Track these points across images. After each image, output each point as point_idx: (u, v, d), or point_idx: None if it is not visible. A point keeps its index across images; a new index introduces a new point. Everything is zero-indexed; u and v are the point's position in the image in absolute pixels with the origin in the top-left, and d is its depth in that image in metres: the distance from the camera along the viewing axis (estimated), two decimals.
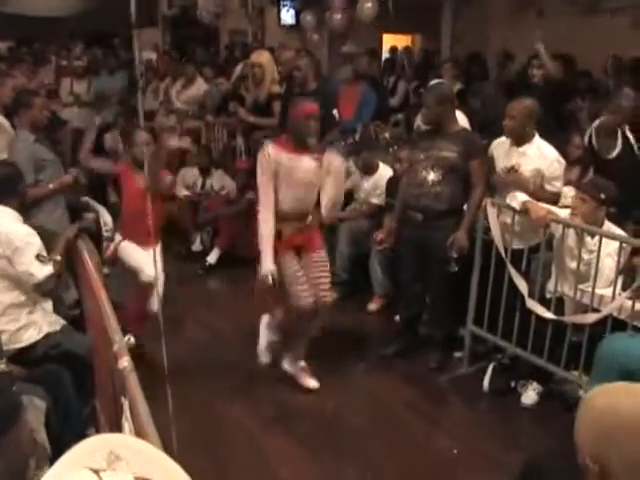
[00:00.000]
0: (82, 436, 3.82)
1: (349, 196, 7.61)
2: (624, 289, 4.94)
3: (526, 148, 5.69)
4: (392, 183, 7.09)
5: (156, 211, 5.34)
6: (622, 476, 1.75)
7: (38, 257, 4.50)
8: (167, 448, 2.01)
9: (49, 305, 4.85)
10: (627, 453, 1.74)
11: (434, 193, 5.70)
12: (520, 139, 5.70)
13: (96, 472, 1.07)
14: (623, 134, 6.29)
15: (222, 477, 4.56)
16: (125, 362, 2.82)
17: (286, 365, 5.75)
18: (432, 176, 5.71)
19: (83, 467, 1.10)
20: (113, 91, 11.64)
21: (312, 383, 5.67)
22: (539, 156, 5.67)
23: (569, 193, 5.80)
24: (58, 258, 4.65)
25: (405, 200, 5.90)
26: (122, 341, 3.06)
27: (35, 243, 4.53)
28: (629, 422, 1.74)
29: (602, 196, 5.07)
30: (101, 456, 1.16)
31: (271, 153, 5.31)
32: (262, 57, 8.57)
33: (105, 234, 6.77)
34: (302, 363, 5.73)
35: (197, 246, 8.83)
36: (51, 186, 5.89)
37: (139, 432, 2.45)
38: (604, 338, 4.69)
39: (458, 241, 5.67)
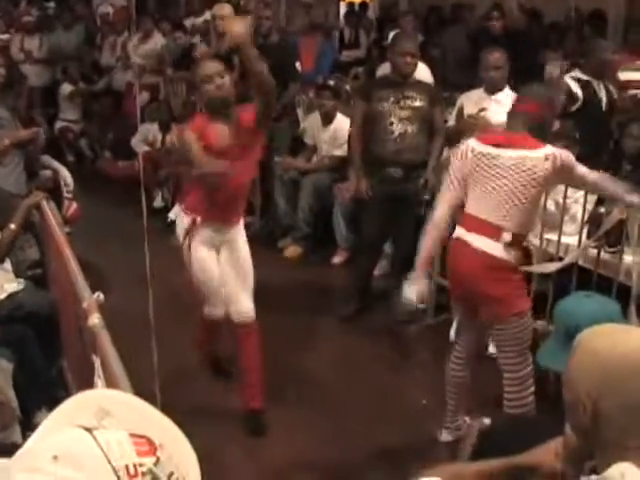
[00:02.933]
0: (50, 396, 3.80)
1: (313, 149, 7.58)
2: (589, 238, 4.97)
3: (498, 95, 5.72)
4: None
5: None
6: (614, 415, 1.76)
7: None
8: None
9: (8, 265, 4.77)
10: (624, 392, 1.76)
11: (415, 145, 5.74)
12: (498, 88, 5.72)
13: (88, 430, 1.04)
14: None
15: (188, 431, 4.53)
16: (95, 319, 2.78)
17: None
18: (410, 128, 5.71)
19: (74, 425, 1.07)
20: (69, 47, 11.41)
21: None
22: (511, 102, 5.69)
23: None
24: (12, 227, 4.51)
25: (379, 156, 5.84)
26: (91, 298, 3.00)
27: None
28: (623, 361, 1.76)
29: (577, 135, 5.15)
30: (90, 412, 1.13)
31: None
32: (224, 10, 8.44)
33: (66, 194, 6.69)
34: None
35: (159, 202, 8.73)
36: (7, 141, 5.74)
37: None
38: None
39: (430, 181, 5.77)
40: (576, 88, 6.11)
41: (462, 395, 4.48)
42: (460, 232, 4.10)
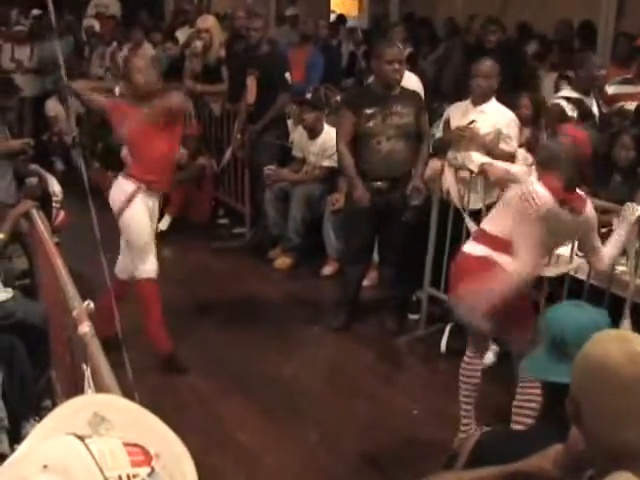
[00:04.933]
0: (38, 407, 3.77)
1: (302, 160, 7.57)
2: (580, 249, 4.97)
3: (484, 107, 5.71)
4: None
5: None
6: (595, 421, 1.80)
7: None
8: None
9: None
10: (602, 404, 1.78)
11: (402, 160, 5.76)
12: (482, 99, 5.72)
13: (81, 438, 1.02)
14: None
15: None
16: (86, 327, 2.75)
17: None
18: (398, 145, 5.73)
19: (66, 432, 1.04)
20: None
21: None
22: (497, 114, 5.70)
23: (521, 155, 5.82)
24: (0, 236, 4.50)
25: (366, 172, 5.81)
26: (81, 306, 2.98)
27: None
28: (609, 377, 1.77)
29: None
30: (85, 419, 1.10)
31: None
32: (208, 22, 8.43)
33: (55, 204, 6.66)
34: None
35: None
36: None
37: None
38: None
39: (416, 188, 5.76)
40: (570, 110, 6.14)
41: (474, 399, 4.49)
42: None
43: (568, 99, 6.20)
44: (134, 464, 1.00)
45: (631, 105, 6.50)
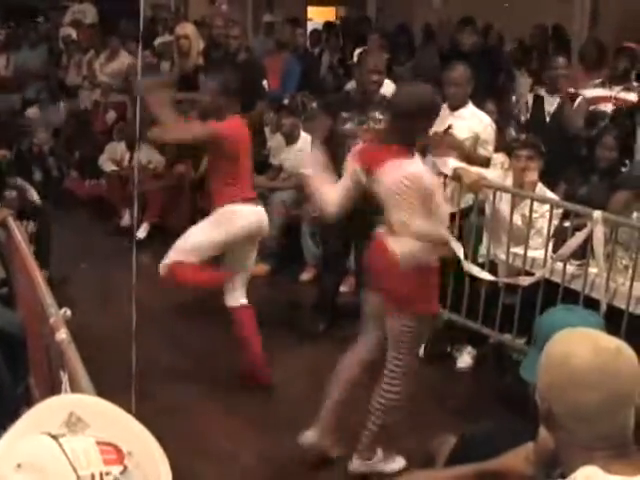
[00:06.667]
0: (15, 415, 3.76)
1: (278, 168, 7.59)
2: (555, 252, 5.01)
3: (461, 112, 5.77)
4: None
5: None
6: (563, 420, 1.81)
7: None
8: None
9: None
10: (568, 401, 1.80)
11: None
12: (458, 105, 5.76)
13: (55, 438, 1.04)
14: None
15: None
16: (63, 334, 2.77)
17: None
18: None
19: (40, 432, 1.06)
20: (35, 66, 11.37)
21: None
22: (474, 119, 5.76)
23: (497, 160, 5.87)
24: None
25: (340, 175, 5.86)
26: (58, 314, 3.00)
27: None
28: (574, 372, 1.79)
29: (542, 149, 5.24)
30: (61, 418, 1.12)
31: None
32: (187, 29, 8.47)
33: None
34: None
35: (126, 221, 8.68)
36: None
37: None
38: (544, 306, 4.74)
39: None
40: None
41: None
42: None
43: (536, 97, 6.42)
44: (107, 462, 1.02)
45: (605, 107, 6.59)
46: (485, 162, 5.72)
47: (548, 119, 6.47)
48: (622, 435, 1.79)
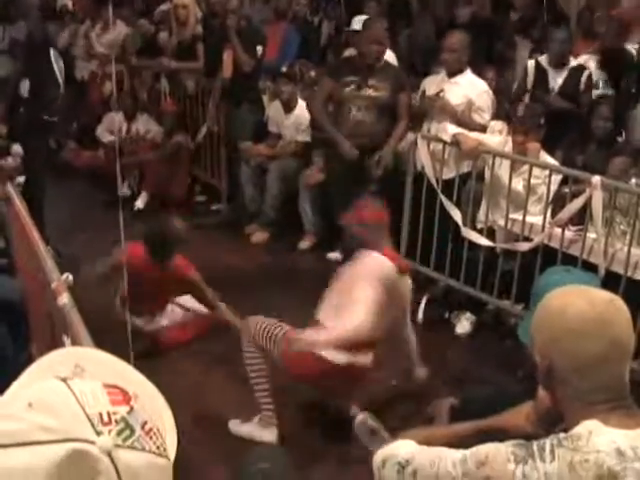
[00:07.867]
0: None
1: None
2: (554, 218, 5.03)
3: (458, 78, 5.78)
4: None
5: None
6: (566, 375, 1.82)
7: None
8: None
9: None
10: (571, 354, 1.80)
11: (370, 133, 5.88)
12: (455, 71, 5.76)
13: (63, 380, 1.06)
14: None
15: None
16: (65, 299, 2.78)
17: None
18: (367, 117, 5.85)
19: (50, 376, 1.09)
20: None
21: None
22: (470, 85, 5.77)
23: (496, 127, 5.87)
24: None
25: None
26: (60, 279, 3.01)
27: None
28: (572, 323, 1.80)
29: (542, 121, 5.23)
30: (67, 368, 1.15)
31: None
32: None
33: None
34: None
35: (124, 191, 8.67)
36: None
37: None
38: (542, 272, 4.75)
39: (384, 159, 5.91)
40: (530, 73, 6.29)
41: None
42: None
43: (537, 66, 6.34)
44: (114, 403, 1.04)
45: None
46: (479, 129, 5.72)
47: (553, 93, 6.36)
48: (621, 387, 1.81)
